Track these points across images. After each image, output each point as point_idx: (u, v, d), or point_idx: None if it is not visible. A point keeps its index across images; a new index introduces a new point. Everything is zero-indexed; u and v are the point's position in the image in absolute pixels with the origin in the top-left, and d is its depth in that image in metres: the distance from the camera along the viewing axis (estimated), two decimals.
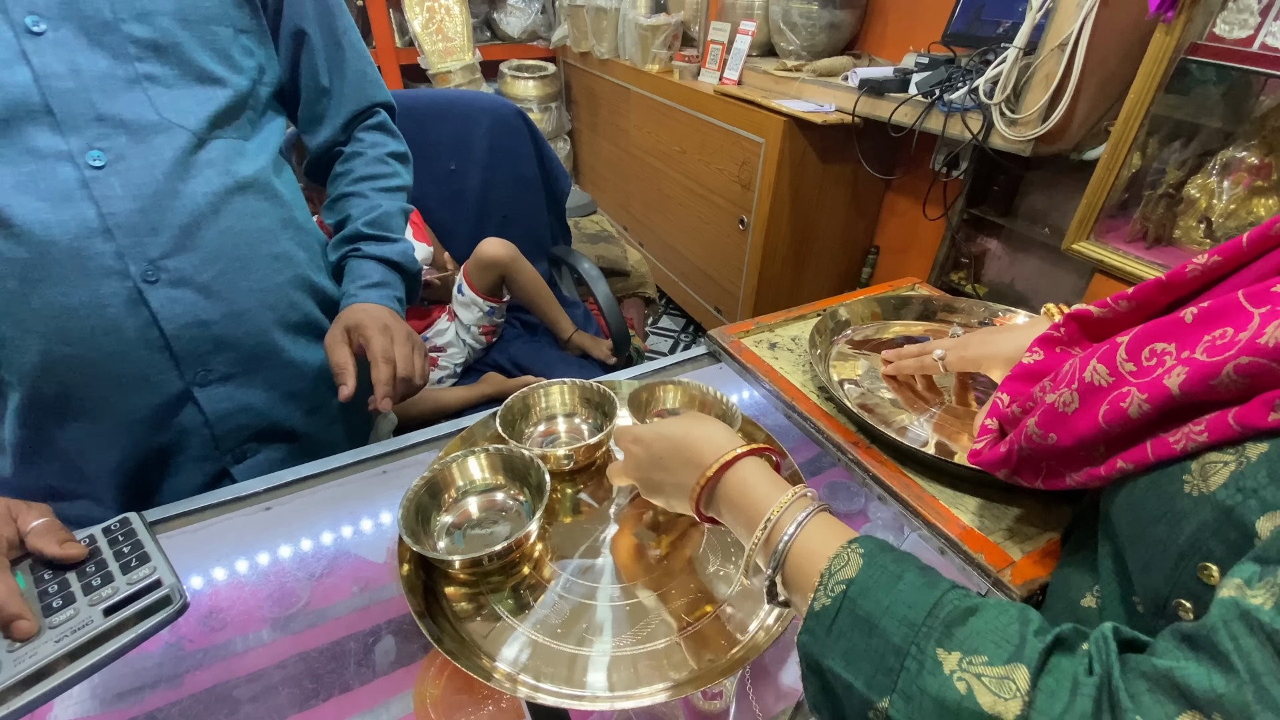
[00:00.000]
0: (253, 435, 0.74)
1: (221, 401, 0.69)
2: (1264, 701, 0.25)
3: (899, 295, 0.90)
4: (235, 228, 0.67)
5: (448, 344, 1.30)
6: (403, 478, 0.66)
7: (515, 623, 0.52)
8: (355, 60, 0.81)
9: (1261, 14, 0.95)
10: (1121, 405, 0.37)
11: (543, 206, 1.49)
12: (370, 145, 0.84)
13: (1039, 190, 1.53)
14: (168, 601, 0.50)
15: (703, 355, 0.86)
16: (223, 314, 0.66)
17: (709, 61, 2.09)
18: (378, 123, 0.85)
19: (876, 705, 0.32)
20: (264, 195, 0.70)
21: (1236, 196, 1.09)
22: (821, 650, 0.36)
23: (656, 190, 2.49)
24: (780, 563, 0.41)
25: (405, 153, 0.88)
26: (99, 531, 0.55)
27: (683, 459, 0.50)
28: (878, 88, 1.53)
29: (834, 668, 0.35)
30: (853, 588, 0.36)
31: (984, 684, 0.30)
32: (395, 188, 0.84)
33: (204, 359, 0.67)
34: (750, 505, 0.45)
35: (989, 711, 0.29)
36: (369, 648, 0.58)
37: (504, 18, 2.94)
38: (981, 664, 0.30)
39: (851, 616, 0.35)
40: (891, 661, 0.33)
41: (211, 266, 0.65)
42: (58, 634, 0.47)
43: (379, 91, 0.85)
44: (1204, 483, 0.33)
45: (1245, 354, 0.31)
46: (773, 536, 0.42)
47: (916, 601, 0.34)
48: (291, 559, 0.62)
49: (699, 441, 0.49)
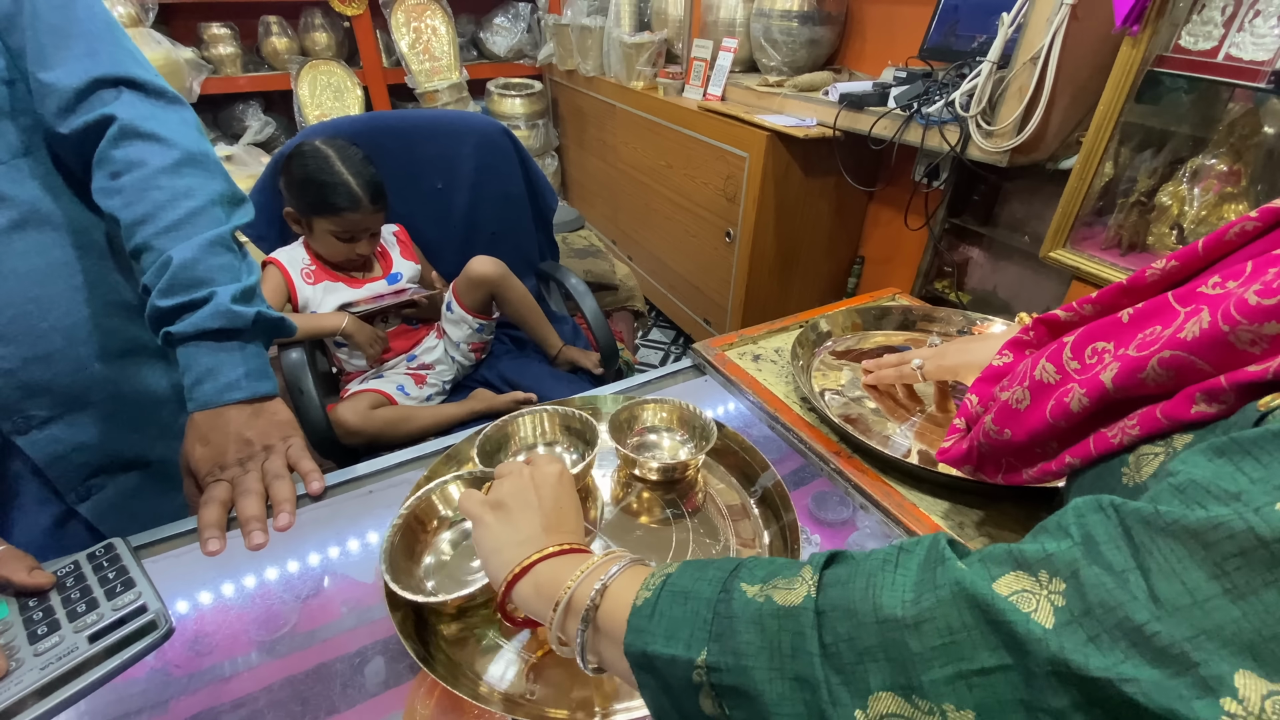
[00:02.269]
0: (94, 471, 0.68)
1: (48, 445, 0.64)
2: (1093, 557, 0.25)
3: (879, 306, 0.91)
4: (20, 269, 0.60)
5: (436, 361, 1.31)
6: (389, 497, 0.67)
7: (502, 640, 0.52)
8: (42, 18, 0.59)
9: (1225, 25, 0.98)
10: (1065, 400, 0.39)
11: (530, 223, 1.50)
12: (126, 169, 0.61)
13: (1018, 199, 1.56)
14: (153, 627, 0.50)
15: (688, 368, 0.87)
16: (25, 359, 0.61)
17: (692, 78, 2.12)
18: (121, 130, 0.61)
19: (696, 662, 0.32)
20: (50, 226, 0.62)
21: (1207, 203, 1.11)
22: (645, 639, 0.34)
23: (644, 205, 2.51)
24: (590, 620, 0.39)
25: (184, 156, 0.64)
26: (84, 557, 0.55)
27: (501, 546, 0.47)
28: (857, 102, 1.56)
29: (657, 650, 0.33)
30: (672, 575, 0.36)
31: (777, 589, 0.32)
32: (183, 218, 0.62)
33: (16, 407, 0.61)
34: (549, 586, 0.42)
35: (781, 604, 0.31)
36: (358, 669, 0.58)
37: (490, 37, 2.98)
38: (780, 581, 0.32)
39: (670, 595, 0.35)
40: (705, 613, 0.33)
41: (1, 314, 0.59)
42: (43, 661, 0.47)
43: (100, 65, 0.61)
44: (1138, 473, 0.34)
45: (1167, 348, 0.33)
46: (576, 598, 0.40)
47: (728, 565, 0.36)
48: (278, 581, 0.62)
49: (506, 544, 0.47)
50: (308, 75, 2.60)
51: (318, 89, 2.63)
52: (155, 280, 0.61)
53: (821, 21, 1.83)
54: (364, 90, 2.71)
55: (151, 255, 0.61)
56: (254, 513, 0.59)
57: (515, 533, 0.47)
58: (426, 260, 1.39)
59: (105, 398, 0.67)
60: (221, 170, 0.68)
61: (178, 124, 0.66)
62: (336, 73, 2.65)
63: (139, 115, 0.63)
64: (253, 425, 0.63)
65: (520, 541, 0.46)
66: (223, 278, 0.63)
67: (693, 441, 0.69)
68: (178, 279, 0.60)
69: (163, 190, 0.62)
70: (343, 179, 1.11)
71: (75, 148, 0.63)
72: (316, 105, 2.63)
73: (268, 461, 0.63)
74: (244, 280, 0.64)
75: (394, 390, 1.22)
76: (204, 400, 0.62)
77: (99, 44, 0.62)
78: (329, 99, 2.65)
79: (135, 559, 0.56)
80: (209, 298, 0.61)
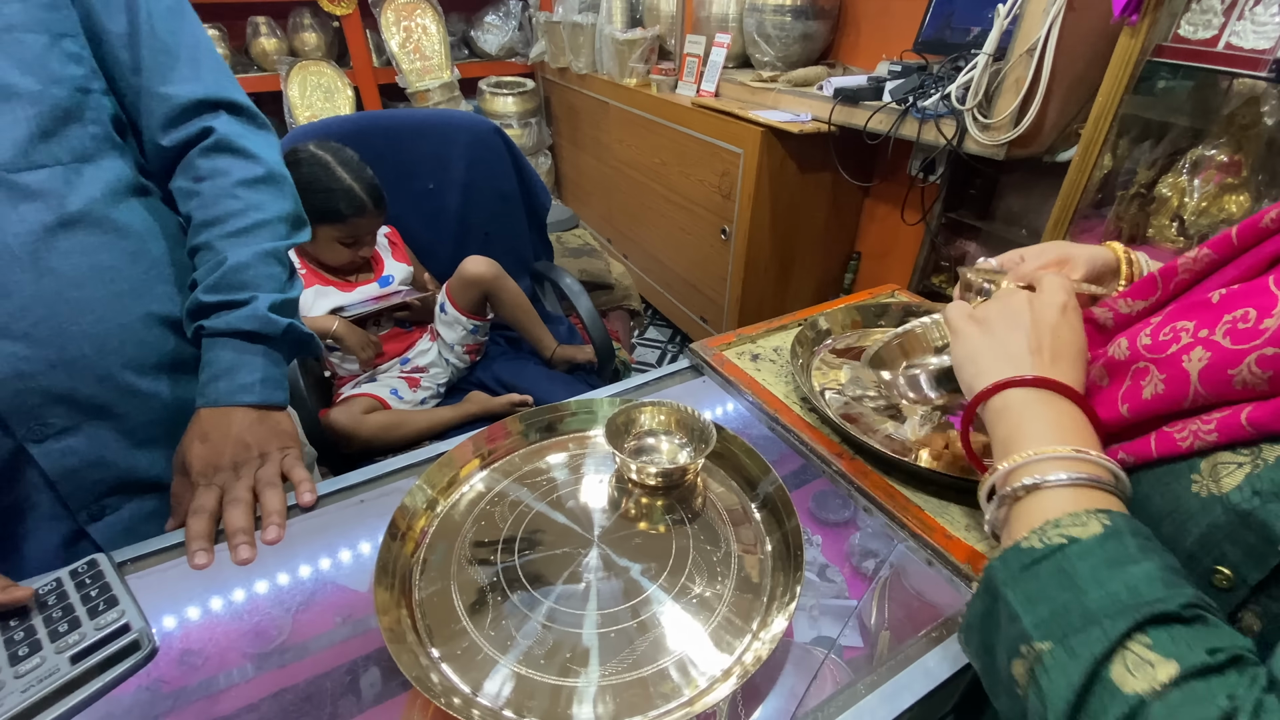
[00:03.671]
0: (109, 490, 0.66)
1: (63, 457, 0.62)
2: None
3: (878, 303, 0.90)
4: (60, 269, 0.59)
5: (430, 364, 1.29)
6: (381, 506, 0.65)
7: (497, 655, 0.50)
8: (158, 38, 0.64)
9: (1225, 14, 0.97)
10: (1140, 384, 0.35)
11: (523, 223, 1.49)
12: (210, 175, 0.67)
13: (1015, 193, 1.55)
14: (136, 647, 0.48)
15: (686, 369, 0.86)
16: (49, 363, 0.59)
17: (686, 74, 2.10)
18: (215, 143, 0.68)
19: (1034, 644, 0.31)
20: (100, 229, 0.62)
21: (1208, 194, 1.10)
22: (1006, 580, 0.34)
23: (639, 203, 2.49)
24: (1006, 509, 0.38)
25: (265, 175, 0.70)
26: (66, 574, 0.53)
27: (1013, 339, 0.44)
28: (852, 96, 1.54)
29: (1009, 596, 0.33)
30: (1074, 546, 0.32)
31: (1127, 663, 0.28)
32: (249, 227, 0.67)
33: (34, 413, 0.60)
34: (1012, 430, 0.40)
35: (1119, 686, 0.28)
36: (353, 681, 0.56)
37: (481, 35, 2.95)
38: (1163, 668, 0.28)
39: (1056, 569, 0.32)
40: (1075, 620, 0.30)
41: (30, 313, 0.58)
42: (23, 684, 0.45)
43: (204, 86, 0.67)
44: (1214, 484, 0.31)
45: (1271, 344, 0.30)
46: (1013, 475, 0.38)
47: (1140, 589, 0.30)
48: (268, 593, 0.60)
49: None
50: (297, 76, 2.57)
51: (308, 90, 2.60)
52: (205, 277, 0.65)
53: (815, 15, 1.81)
54: (355, 90, 2.69)
55: (209, 254, 0.65)
56: (241, 525, 0.58)
57: (996, 347, 0.44)
58: (419, 262, 1.37)
59: (129, 411, 0.65)
60: (293, 193, 0.74)
61: (265, 145, 0.72)
62: (326, 73, 2.63)
63: (233, 133, 0.69)
64: (254, 431, 0.63)
65: (1001, 356, 0.43)
66: (267, 286, 0.67)
67: (692, 445, 0.68)
68: (226, 279, 0.64)
69: (238, 200, 0.67)
70: (345, 185, 1.09)
71: (169, 158, 0.68)
72: (307, 106, 2.60)
73: (261, 469, 0.62)
74: (286, 293, 0.69)
75: (388, 394, 1.20)
76: (214, 397, 0.63)
77: (203, 68, 0.68)
78: (319, 100, 2.62)
79: (119, 575, 0.54)
80: (249, 300, 0.65)
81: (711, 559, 0.58)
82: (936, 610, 0.54)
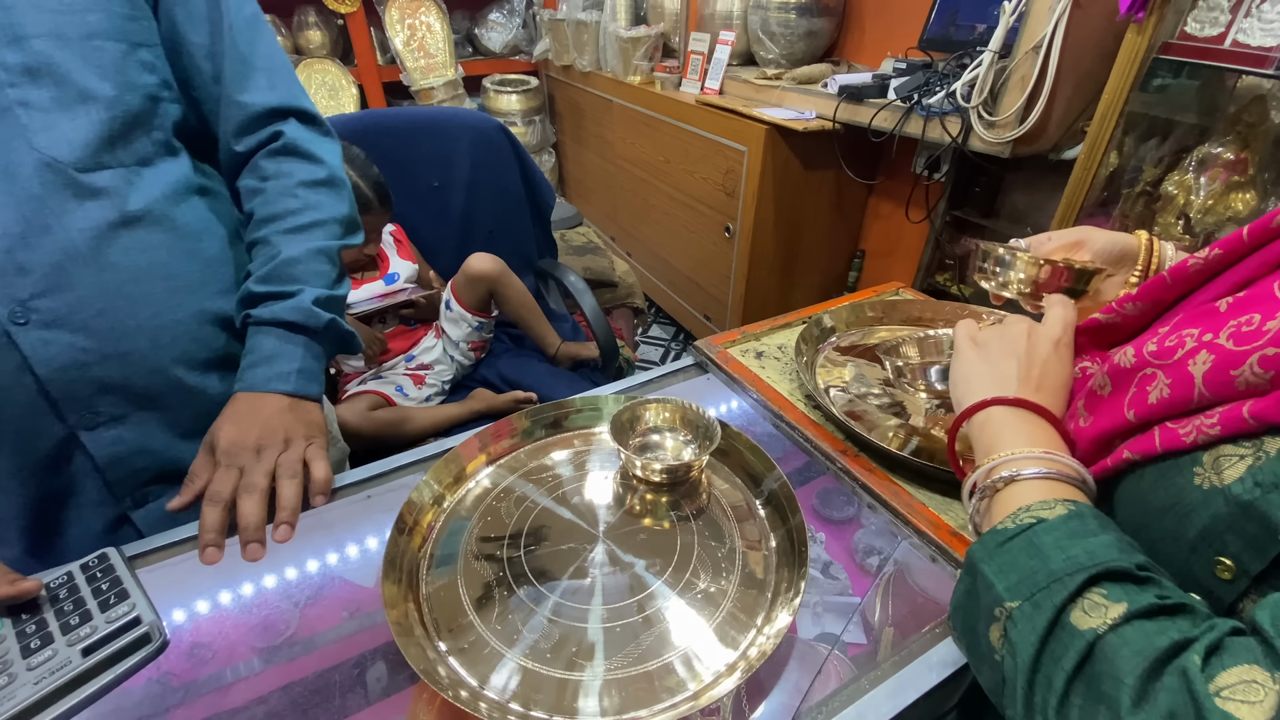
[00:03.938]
0: (153, 478, 0.68)
1: (112, 445, 0.64)
2: None
3: (883, 300, 0.90)
4: (120, 264, 0.61)
5: (435, 361, 1.30)
6: (387, 502, 0.66)
7: (504, 649, 0.51)
8: (238, 50, 0.68)
9: (1232, 11, 0.96)
10: (1146, 390, 0.37)
11: (527, 220, 1.49)
12: (275, 176, 0.71)
13: (1020, 191, 1.54)
14: (147, 640, 0.49)
15: (690, 366, 0.86)
16: (105, 355, 0.61)
17: (690, 72, 2.10)
18: (283, 145, 0.72)
19: (1005, 604, 0.35)
20: (159, 228, 0.64)
21: (1214, 192, 1.10)
22: (982, 557, 0.39)
23: (642, 200, 2.49)
24: (986, 497, 0.43)
25: (326, 178, 0.74)
26: (77, 568, 0.54)
27: (1003, 364, 0.50)
28: (857, 94, 1.54)
29: (985, 570, 0.38)
30: (1042, 525, 0.37)
31: (1088, 609, 0.32)
32: (305, 225, 0.71)
33: (87, 401, 0.62)
34: (990, 438, 0.46)
35: (1076, 625, 0.32)
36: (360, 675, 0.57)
37: (485, 33, 2.96)
38: (1105, 603, 0.32)
39: (1026, 543, 0.37)
40: (1041, 579, 0.35)
41: (90, 305, 0.60)
42: (36, 675, 0.46)
43: (278, 95, 0.71)
44: (1216, 476, 0.32)
45: (1273, 345, 0.30)
46: (993, 471, 0.43)
47: (1097, 553, 0.34)
48: (277, 588, 0.61)
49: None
50: (302, 74, 2.58)
51: (312, 88, 2.61)
52: (259, 269, 0.68)
53: (819, 13, 1.81)
54: (359, 88, 2.69)
55: (265, 248, 0.69)
56: (254, 521, 0.59)
57: (989, 371, 0.49)
58: (424, 259, 1.38)
59: (177, 404, 0.67)
60: (350, 197, 0.77)
61: (329, 150, 0.76)
62: (331, 71, 2.63)
63: (301, 138, 0.73)
64: (284, 417, 0.64)
65: (991, 380, 0.48)
66: (315, 281, 0.70)
67: (696, 442, 0.68)
68: (278, 271, 0.68)
69: (298, 199, 0.71)
70: (352, 182, 1.10)
71: (239, 162, 0.72)
72: None
73: (284, 454, 0.63)
74: (333, 291, 0.71)
75: (393, 391, 1.21)
76: (252, 382, 0.65)
77: (277, 79, 0.72)
78: (324, 98, 2.63)
79: (129, 569, 0.55)
80: (296, 293, 0.68)
81: (716, 555, 0.58)
82: (940, 607, 0.54)
